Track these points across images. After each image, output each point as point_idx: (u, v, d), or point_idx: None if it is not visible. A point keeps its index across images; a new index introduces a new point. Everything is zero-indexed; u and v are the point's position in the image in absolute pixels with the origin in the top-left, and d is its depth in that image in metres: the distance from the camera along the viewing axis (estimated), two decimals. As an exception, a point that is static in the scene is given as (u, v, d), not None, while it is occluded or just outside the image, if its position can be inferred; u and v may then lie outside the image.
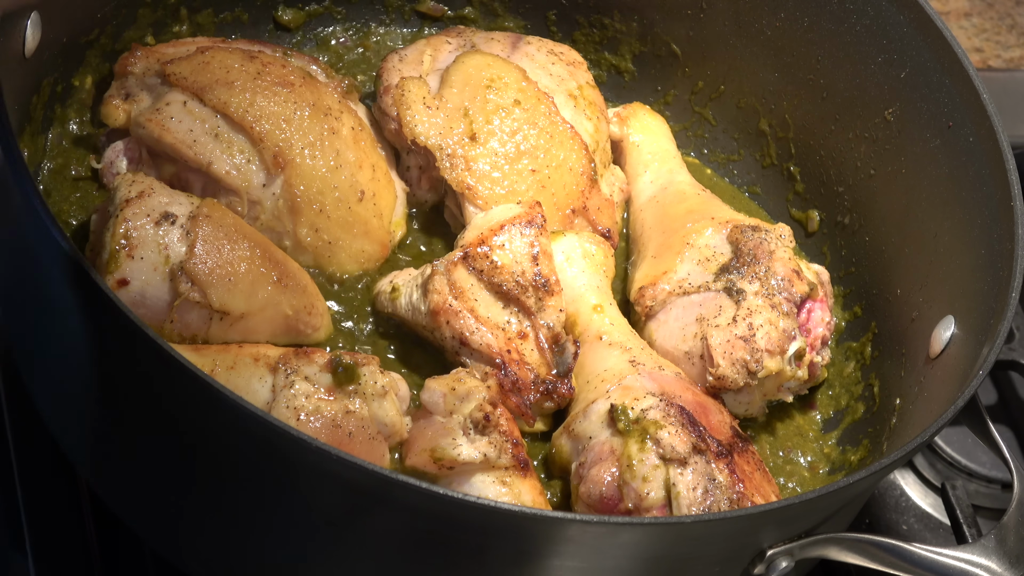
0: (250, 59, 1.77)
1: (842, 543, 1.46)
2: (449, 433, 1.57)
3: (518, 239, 1.72)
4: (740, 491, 1.57)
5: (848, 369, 1.87)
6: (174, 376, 1.34)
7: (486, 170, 1.81)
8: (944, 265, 1.74)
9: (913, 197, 1.82)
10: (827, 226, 1.97)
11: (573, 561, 1.42)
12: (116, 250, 1.58)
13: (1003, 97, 2.09)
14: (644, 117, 2.01)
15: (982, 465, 1.94)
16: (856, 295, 1.91)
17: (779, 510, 1.42)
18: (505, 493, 1.57)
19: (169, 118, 1.71)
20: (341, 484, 1.36)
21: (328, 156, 1.75)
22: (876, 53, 1.86)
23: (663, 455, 1.56)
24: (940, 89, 1.78)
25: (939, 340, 1.68)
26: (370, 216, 1.79)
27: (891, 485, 1.95)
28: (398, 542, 1.44)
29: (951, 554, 1.46)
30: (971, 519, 1.85)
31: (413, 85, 1.84)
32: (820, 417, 1.85)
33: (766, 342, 1.71)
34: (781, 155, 2.01)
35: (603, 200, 1.87)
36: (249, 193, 1.72)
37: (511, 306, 1.71)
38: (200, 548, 1.54)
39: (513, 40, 1.96)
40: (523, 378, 1.69)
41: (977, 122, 1.72)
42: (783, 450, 1.81)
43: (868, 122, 1.89)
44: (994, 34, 2.58)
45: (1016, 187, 1.65)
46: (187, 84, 1.72)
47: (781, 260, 1.76)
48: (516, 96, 1.85)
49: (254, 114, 1.72)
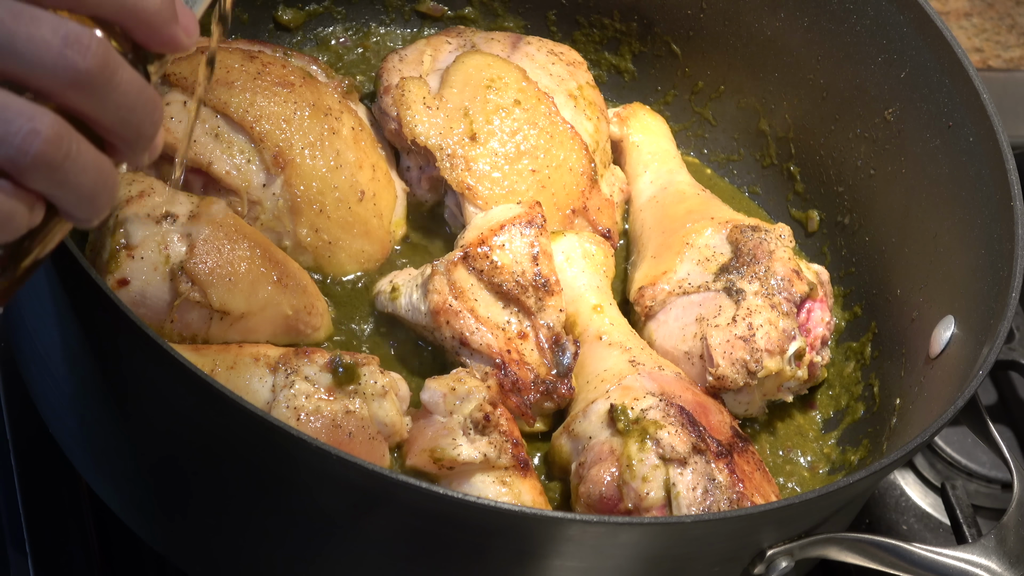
0: (250, 59, 1.77)
1: (842, 543, 1.46)
2: (449, 433, 1.57)
3: (518, 239, 1.72)
4: (740, 491, 1.57)
5: (848, 369, 1.87)
6: (174, 376, 1.34)
7: (486, 170, 1.81)
8: (944, 265, 1.74)
9: (913, 197, 1.82)
10: (827, 226, 1.97)
11: (573, 561, 1.42)
12: (116, 250, 1.58)
13: (1003, 97, 2.09)
14: (644, 117, 2.01)
15: (982, 465, 1.94)
16: (856, 295, 1.91)
17: (779, 510, 1.42)
18: (505, 493, 1.57)
19: (169, 118, 1.71)
20: (341, 484, 1.36)
21: (328, 156, 1.75)
22: (876, 53, 1.86)
23: (663, 455, 1.56)
24: (940, 89, 1.78)
25: (939, 340, 1.68)
26: (370, 216, 1.79)
27: (891, 485, 1.95)
28: (398, 542, 1.44)
29: (951, 554, 1.46)
30: (971, 519, 1.85)
31: (413, 85, 1.84)
32: (820, 417, 1.85)
33: (766, 342, 1.71)
34: (781, 155, 2.01)
35: (603, 200, 1.87)
36: (249, 193, 1.72)
37: (511, 306, 1.71)
38: (200, 548, 1.54)
39: (513, 40, 1.96)
40: (523, 378, 1.69)
41: (977, 122, 1.72)
42: (783, 450, 1.81)
43: (868, 122, 1.89)
44: (994, 34, 2.58)
45: (1016, 187, 1.65)
46: (187, 84, 1.73)
47: (781, 260, 1.76)
48: (516, 96, 1.85)
49: (254, 114, 1.72)
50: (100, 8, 1.07)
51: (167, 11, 1.09)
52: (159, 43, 1.10)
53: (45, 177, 1.03)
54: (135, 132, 1.08)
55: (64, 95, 1.04)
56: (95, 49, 1.03)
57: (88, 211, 1.07)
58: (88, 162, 1.04)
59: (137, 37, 1.09)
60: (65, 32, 1.03)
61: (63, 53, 1.02)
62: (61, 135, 1.02)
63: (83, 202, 1.06)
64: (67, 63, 1.03)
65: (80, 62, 1.03)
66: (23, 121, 1.01)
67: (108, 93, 1.05)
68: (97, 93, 1.04)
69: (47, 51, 1.02)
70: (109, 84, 1.05)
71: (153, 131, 1.09)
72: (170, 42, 1.11)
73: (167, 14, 1.09)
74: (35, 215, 1.05)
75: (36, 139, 1.01)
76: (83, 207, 1.06)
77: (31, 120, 1.01)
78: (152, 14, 1.09)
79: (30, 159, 1.01)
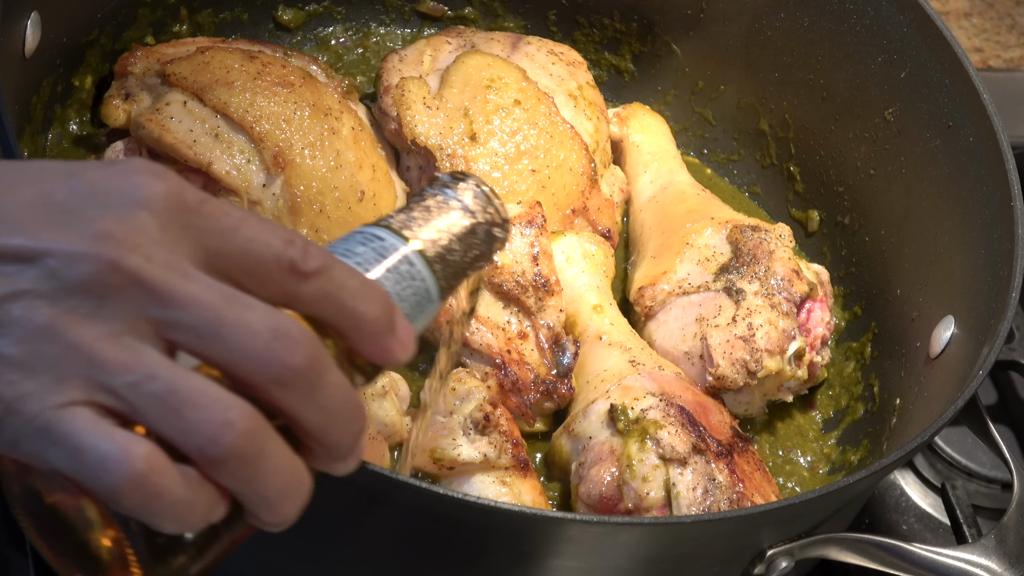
0: (250, 59, 1.77)
1: (842, 543, 1.46)
2: (449, 433, 1.57)
3: (518, 239, 1.72)
4: (740, 491, 1.57)
5: (848, 369, 1.87)
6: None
7: (486, 170, 1.81)
8: (944, 265, 1.74)
9: (913, 197, 1.82)
10: (827, 226, 1.97)
11: (573, 561, 1.42)
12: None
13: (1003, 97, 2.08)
14: (644, 117, 2.01)
15: (982, 465, 1.94)
16: (856, 295, 1.91)
17: (779, 510, 1.42)
18: (505, 493, 1.57)
19: (169, 118, 1.71)
20: (341, 483, 1.36)
21: (328, 156, 1.75)
22: (876, 53, 1.86)
23: (663, 455, 1.56)
24: (940, 89, 1.78)
25: (939, 340, 1.68)
26: (370, 216, 1.79)
27: (891, 485, 1.95)
28: (398, 542, 1.44)
29: (951, 554, 1.46)
30: (971, 519, 1.85)
31: (413, 85, 1.84)
32: (820, 417, 1.85)
33: (766, 342, 1.71)
34: (781, 155, 2.01)
35: (603, 200, 1.87)
36: (249, 193, 1.72)
37: (511, 306, 1.71)
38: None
39: (513, 40, 1.96)
40: (523, 378, 1.69)
41: (977, 122, 1.72)
42: (783, 450, 1.81)
43: (868, 122, 1.89)
44: (994, 34, 2.58)
45: (1016, 187, 1.65)
46: (187, 84, 1.72)
47: (781, 260, 1.76)
48: (516, 96, 1.85)
49: (254, 114, 1.72)
50: (315, 307, 1.00)
51: (385, 321, 1.02)
52: (372, 353, 1.03)
53: (233, 472, 0.95)
54: (335, 438, 1.00)
55: (266, 389, 0.96)
56: (305, 346, 0.96)
57: (274, 515, 0.99)
58: (281, 463, 0.97)
59: (350, 342, 1.02)
60: (276, 324, 0.96)
61: (271, 345, 0.95)
62: (256, 431, 0.95)
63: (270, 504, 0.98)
64: (273, 356, 0.96)
65: (287, 357, 0.96)
66: (218, 411, 0.94)
67: (313, 394, 0.97)
68: (301, 392, 0.97)
69: (254, 340, 0.95)
70: (315, 385, 0.97)
71: (353, 441, 1.01)
72: (384, 353, 1.03)
73: (384, 324, 1.02)
74: (216, 510, 0.97)
75: (230, 431, 0.94)
76: (269, 510, 0.98)
77: (227, 410, 0.94)
78: (370, 321, 1.01)
79: (220, 451, 0.94)
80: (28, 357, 0.93)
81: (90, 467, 0.93)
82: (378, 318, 1.02)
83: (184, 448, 0.94)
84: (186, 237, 0.97)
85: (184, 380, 0.94)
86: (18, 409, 0.93)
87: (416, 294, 1.09)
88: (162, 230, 0.96)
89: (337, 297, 1.01)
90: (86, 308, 0.94)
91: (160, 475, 0.93)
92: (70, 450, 0.93)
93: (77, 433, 0.93)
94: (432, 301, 1.11)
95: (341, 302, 1.01)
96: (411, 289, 1.09)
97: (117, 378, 0.93)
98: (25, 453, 0.94)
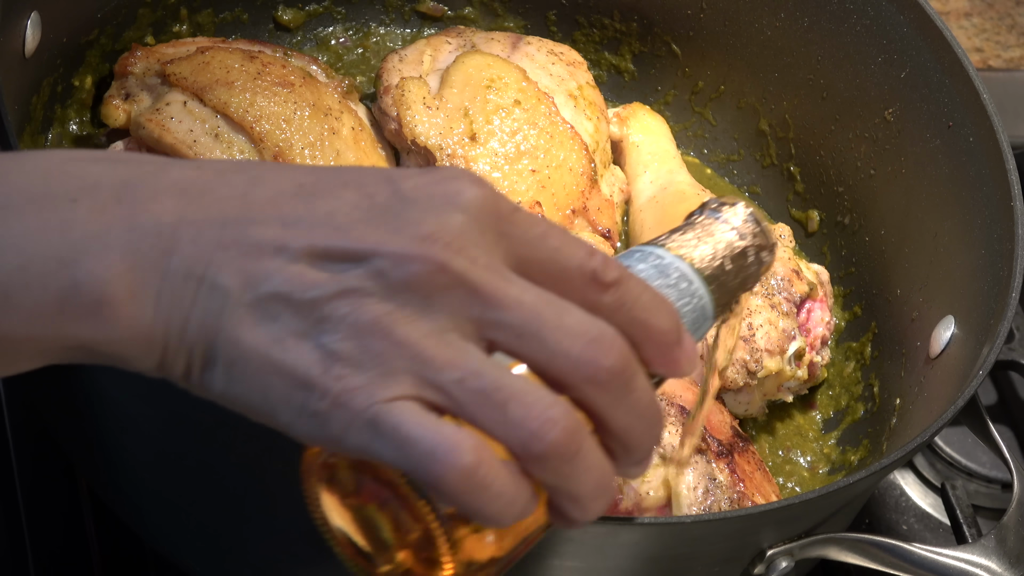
0: (250, 59, 1.77)
1: (842, 543, 1.46)
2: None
3: (518, 239, 1.71)
4: (740, 491, 1.57)
5: (848, 369, 1.87)
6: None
7: (486, 170, 1.81)
8: (944, 265, 1.74)
9: (913, 197, 1.82)
10: (827, 226, 1.97)
11: (573, 561, 1.42)
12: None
13: (1003, 97, 2.09)
14: (644, 117, 2.01)
15: (982, 465, 1.94)
16: (856, 295, 1.91)
17: (779, 510, 1.42)
18: (505, 493, 1.56)
19: (169, 118, 1.71)
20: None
21: (328, 156, 1.75)
22: (876, 53, 1.86)
23: (663, 455, 1.57)
24: (940, 89, 1.78)
25: (939, 340, 1.68)
26: (370, 216, 1.79)
27: (891, 485, 1.95)
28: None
29: (951, 554, 1.46)
30: (971, 519, 1.85)
31: (413, 85, 1.84)
32: (820, 417, 1.85)
33: (765, 342, 1.71)
34: (781, 155, 2.01)
35: (603, 200, 1.87)
36: (249, 193, 1.72)
37: (511, 306, 1.71)
38: (200, 548, 1.54)
39: (513, 40, 1.95)
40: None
41: (977, 122, 1.72)
42: (783, 450, 1.81)
43: (868, 122, 1.88)
44: (994, 34, 2.58)
45: (1016, 187, 1.65)
46: (187, 84, 1.73)
47: (781, 260, 1.76)
48: (516, 96, 1.85)
49: (254, 114, 1.72)
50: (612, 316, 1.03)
51: (674, 333, 1.05)
52: (661, 363, 1.06)
53: (554, 469, 0.98)
54: (638, 440, 1.04)
55: (580, 388, 1.00)
56: (620, 349, 1.00)
57: (583, 513, 1.02)
58: (594, 462, 1.00)
59: (641, 352, 1.05)
60: (592, 327, 1.00)
61: (588, 347, 0.99)
62: (576, 429, 0.98)
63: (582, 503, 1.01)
64: (591, 357, 0.99)
65: (603, 359, 0.99)
66: (542, 408, 0.97)
67: (624, 396, 1.01)
68: (613, 393, 1.01)
69: (573, 342, 0.99)
70: (627, 387, 1.01)
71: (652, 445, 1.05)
72: (672, 364, 1.07)
73: (674, 336, 1.05)
74: (531, 506, 1.00)
75: (553, 428, 0.97)
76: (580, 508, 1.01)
77: (550, 408, 0.97)
78: (662, 333, 1.05)
79: (543, 447, 0.97)
80: (356, 352, 0.96)
81: (419, 459, 0.95)
82: (669, 330, 1.06)
83: (507, 443, 0.97)
84: (500, 243, 1.00)
85: (507, 378, 0.98)
86: (346, 402, 0.96)
87: (694, 311, 1.14)
88: (481, 235, 0.99)
89: (632, 308, 1.04)
90: (413, 307, 0.97)
91: (488, 467, 0.96)
92: (399, 442, 0.95)
93: (406, 425, 0.95)
94: (707, 318, 1.15)
95: (636, 313, 1.04)
96: (690, 306, 1.14)
97: (443, 374, 0.96)
98: (351, 446, 0.97)
